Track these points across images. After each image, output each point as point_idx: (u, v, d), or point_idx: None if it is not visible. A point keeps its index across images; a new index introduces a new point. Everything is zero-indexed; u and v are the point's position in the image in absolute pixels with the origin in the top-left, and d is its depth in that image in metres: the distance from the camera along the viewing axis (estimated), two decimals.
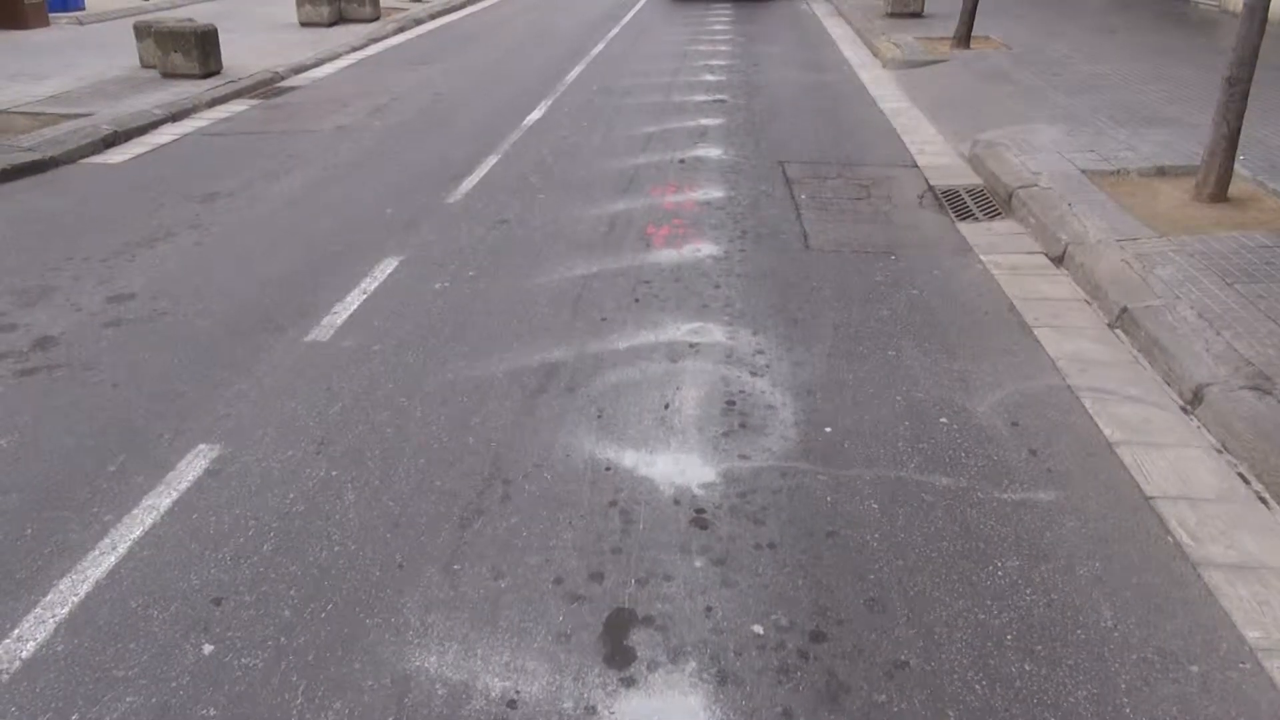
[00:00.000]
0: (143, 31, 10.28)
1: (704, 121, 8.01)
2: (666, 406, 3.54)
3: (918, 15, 13.19)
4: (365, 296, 4.60)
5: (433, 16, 15.84)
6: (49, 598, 2.61)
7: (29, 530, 2.90)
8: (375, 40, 13.28)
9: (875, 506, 2.96)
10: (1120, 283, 4.32)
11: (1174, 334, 3.82)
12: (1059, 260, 4.89)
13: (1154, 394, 3.62)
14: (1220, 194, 5.33)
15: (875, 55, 11.12)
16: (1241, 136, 5.26)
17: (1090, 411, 3.50)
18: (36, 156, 6.96)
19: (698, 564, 2.71)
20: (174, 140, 7.89)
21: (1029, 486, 3.06)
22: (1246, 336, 3.73)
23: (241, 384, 3.78)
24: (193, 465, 3.22)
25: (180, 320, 4.39)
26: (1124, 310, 4.11)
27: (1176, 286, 4.22)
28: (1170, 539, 2.81)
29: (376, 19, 14.58)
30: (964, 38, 10.69)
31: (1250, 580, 2.63)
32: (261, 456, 3.27)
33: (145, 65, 10.32)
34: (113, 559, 2.76)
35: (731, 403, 3.57)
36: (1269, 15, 5.15)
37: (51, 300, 4.63)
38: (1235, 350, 3.64)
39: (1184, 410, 3.49)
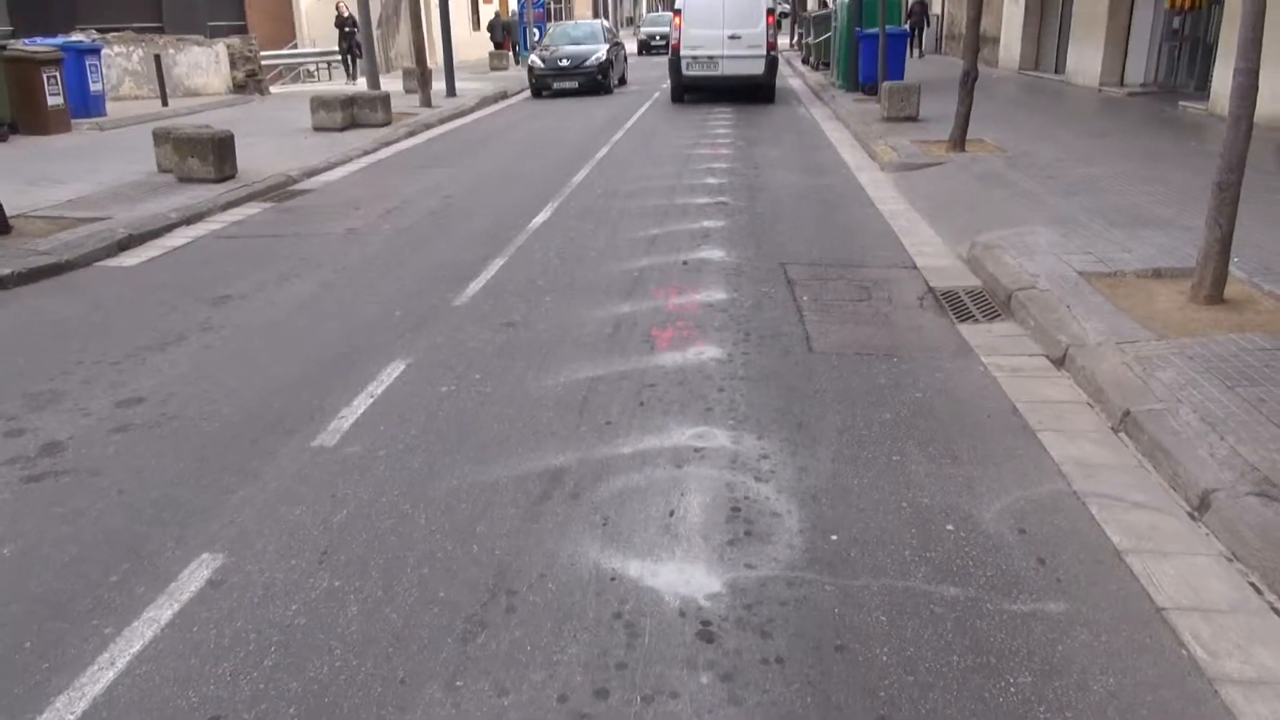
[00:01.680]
0: (161, 137, 10.61)
1: (706, 224, 8.18)
2: (671, 514, 3.53)
3: (913, 119, 13.56)
4: (372, 400, 4.63)
5: (442, 121, 16.34)
6: (44, 717, 2.57)
7: (28, 644, 2.87)
8: (386, 144, 13.68)
9: (884, 619, 2.92)
10: (1122, 386, 4.35)
11: (1178, 438, 3.82)
12: (1060, 362, 4.93)
13: (1160, 500, 3.61)
14: (1217, 296, 5.40)
15: (873, 158, 11.40)
16: (1235, 239, 5.35)
17: (1097, 518, 3.48)
18: (53, 260, 7.12)
19: (704, 680, 2.67)
20: (188, 243, 8.07)
21: (1039, 597, 3.03)
22: (1250, 441, 3.74)
23: (247, 490, 3.79)
24: (195, 575, 3.20)
25: (188, 425, 4.42)
26: (1126, 414, 4.13)
27: (1178, 390, 4.25)
28: (1184, 652, 2.77)
29: (388, 124, 15.04)
30: (959, 141, 10.97)
31: (1268, 697, 2.58)
32: (264, 566, 3.25)
33: (163, 170, 10.62)
34: (111, 674, 2.72)
35: (736, 509, 3.56)
36: (1255, 119, 5.31)
37: (61, 404, 4.67)
38: (1240, 455, 3.64)
39: (1191, 517, 3.48)
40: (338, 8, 24.06)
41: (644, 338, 5.43)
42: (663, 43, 36.79)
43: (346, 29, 23.60)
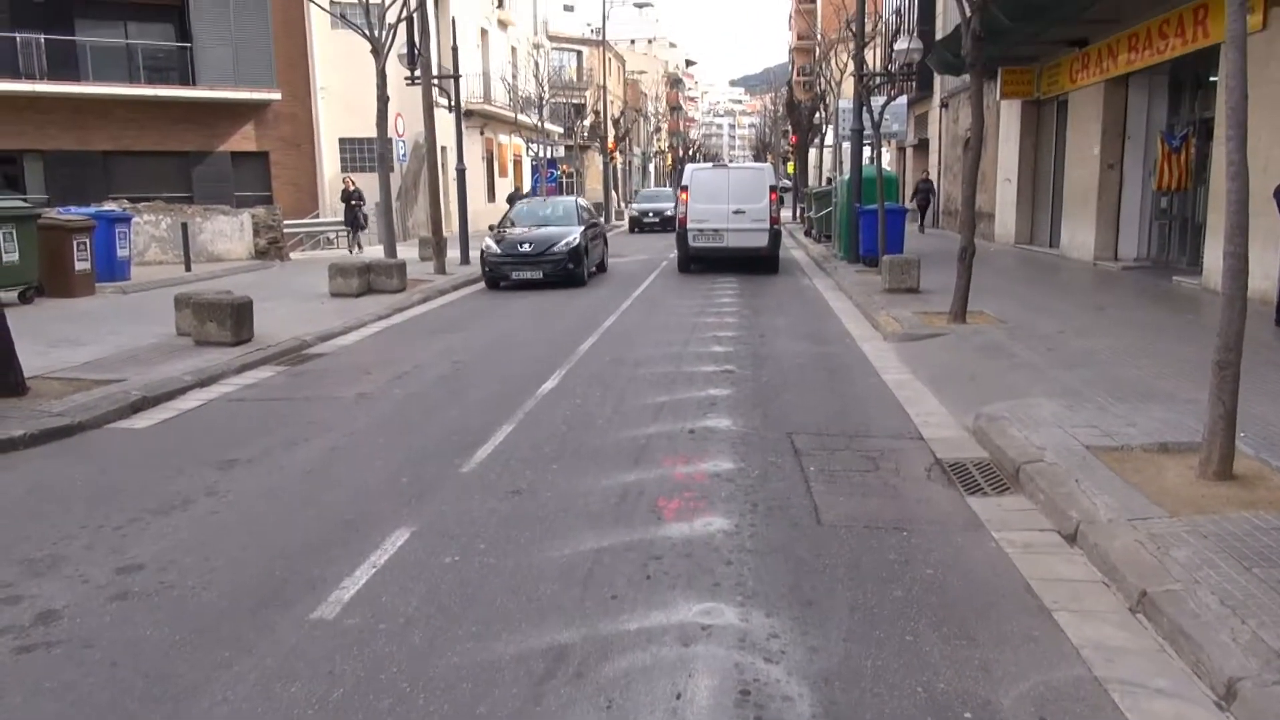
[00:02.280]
0: (182, 302, 10.92)
1: (713, 392, 8.27)
2: (678, 696, 3.41)
3: (914, 291, 13.92)
4: (375, 570, 4.57)
5: (455, 288, 16.82)
6: None
7: None
8: (400, 310, 14.04)
9: None
10: (1137, 565, 4.28)
11: (1198, 621, 3.73)
12: (1071, 539, 4.86)
13: (1185, 687, 3.49)
14: (1226, 471, 5.38)
15: (876, 328, 11.63)
16: (1240, 414, 5.39)
17: (1121, 707, 3.35)
18: (65, 422, 7.18)
19: None
20: (200, 405, 8.16)
21: None
22: (1273, 626, 3.64)
23: (241, 665, 3.68)
24: None
25: (187, 594, 4.35)
26: (1144, 594, 4.04)
27: (1194, 570, 4.17)
28: None
29: (403, 290, 15.48)
30: (959, 313, 11.22)
31: None
32: None
33: (181, 333, 10.87)
34: None
35: (746, 693, 3.44)
36: (1248, 296, 5.44)
37: (61, 571, 4.62)
38: (1263, 640, 3.54)
39: (1219, 706, 3.35)
40: (345, 181, 25.11)
41: (650, 508, 5.39)
42: (656, 219, 33.92)
43: (352, 202, 24.33)
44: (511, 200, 34.83)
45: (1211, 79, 14.20)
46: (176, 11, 26.59)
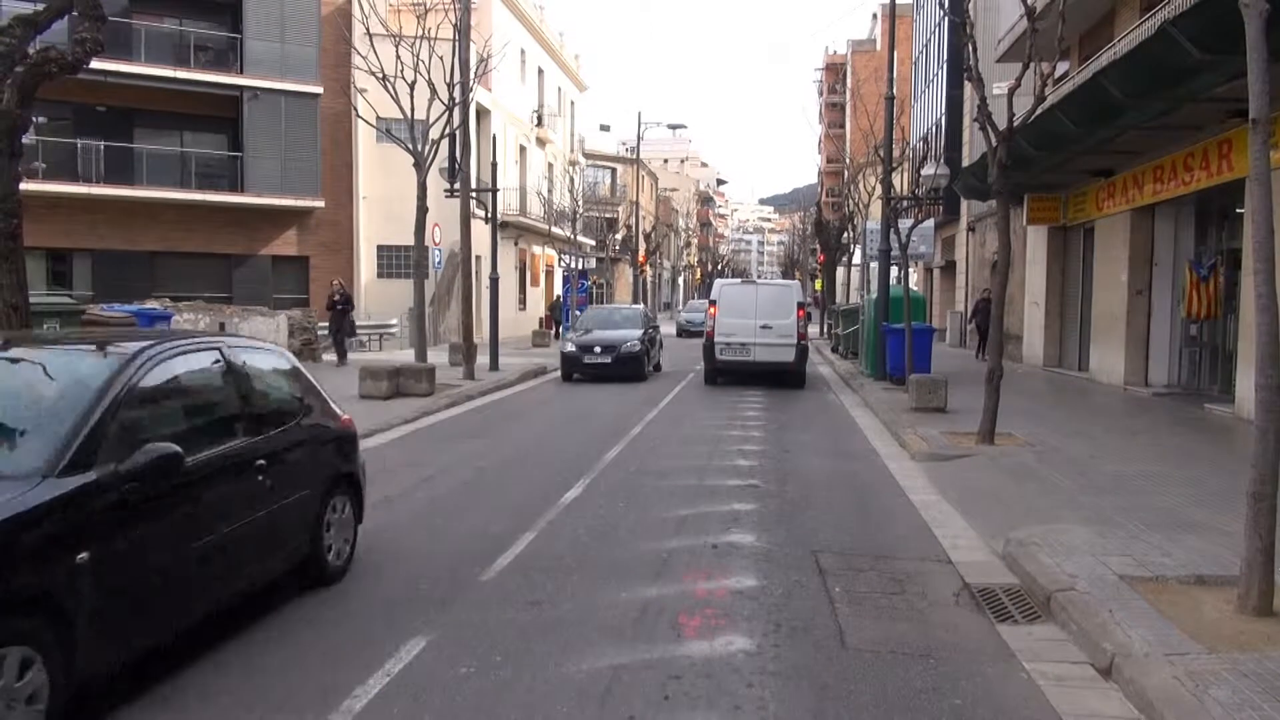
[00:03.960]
0: None
1: (736, 506, 8.19)
2: None
3: (941, 410, 13.84)
4: (388, 680, 4.49)
5: (483, 394, 16.96)
6: None
7: None
8: (428, 414, 14.13)
9: None
10: (1176, 704, 4.11)
11: None
12: (1106, 672, 4.70)
13: None
14: (1265, 607, 5.21)
15: (902, 446, 11.54)
16: (1277, 547, 5.25)
17: None
18: None
19: None
20: None
21: None
22: None
23: None
24: None
25: None
26: None
27: (1235, 711, 4.01)
28: None
29: (431, 394, 15.61)
30: (988, 434, 11.11)
31: None
32: None
33: None
34: None
35: None
36: None
37: None
38: None
39: None
40: (333, 283, 22.75)
41: (671, 624, 5.29)
42: (607, 360, 20.07)
43: (340, 308, 21.68)
44: (553, 311, 34.78)
45: (1238, 210, 14.36)
46: (231, 123, 27.86)
